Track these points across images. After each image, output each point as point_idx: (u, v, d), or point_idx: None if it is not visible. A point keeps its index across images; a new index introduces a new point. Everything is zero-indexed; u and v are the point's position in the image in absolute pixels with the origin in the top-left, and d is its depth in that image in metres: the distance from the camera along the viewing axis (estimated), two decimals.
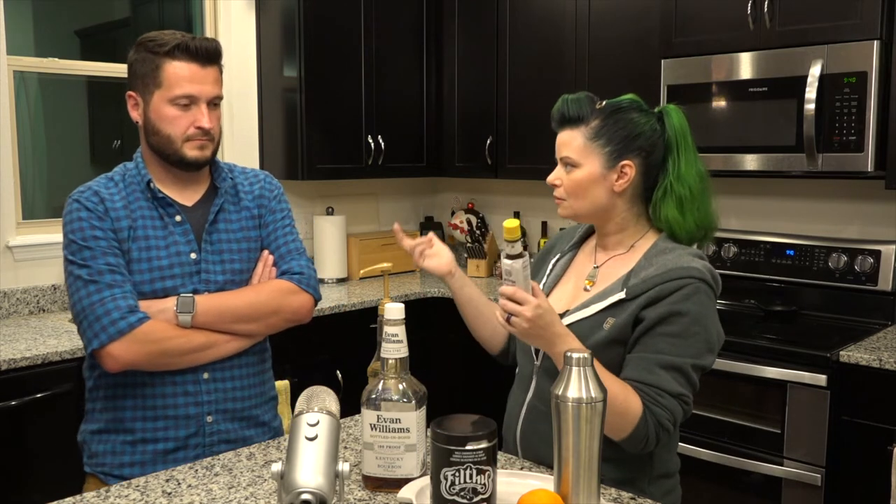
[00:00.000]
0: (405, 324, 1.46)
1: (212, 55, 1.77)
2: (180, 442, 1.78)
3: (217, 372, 1.80)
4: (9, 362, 2.44)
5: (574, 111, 1.62)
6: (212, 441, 1.80)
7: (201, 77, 1.75)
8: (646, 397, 1.50)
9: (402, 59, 3.96)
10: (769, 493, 2.62)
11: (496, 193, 4.31)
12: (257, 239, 1.90)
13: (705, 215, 1.64)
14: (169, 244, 1.78)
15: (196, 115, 1.75)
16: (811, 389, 2.53)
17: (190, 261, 1.79)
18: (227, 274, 1.82)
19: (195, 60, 1.74)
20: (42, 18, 3.37)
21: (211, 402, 1.80)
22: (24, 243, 3.11)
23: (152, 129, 1.77)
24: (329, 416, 1.28)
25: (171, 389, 1.76)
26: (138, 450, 1.77)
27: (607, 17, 3.41)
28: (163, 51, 1.73)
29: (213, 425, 1.80)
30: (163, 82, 1.73)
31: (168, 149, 1.77)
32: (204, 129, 1.76)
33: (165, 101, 1.74)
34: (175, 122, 1.75)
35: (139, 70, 1.76)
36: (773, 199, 3.30)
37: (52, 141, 3.40)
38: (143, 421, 1.76)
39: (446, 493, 1.30)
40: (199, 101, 1.75)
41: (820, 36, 2.73)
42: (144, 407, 1.76)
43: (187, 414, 1.77)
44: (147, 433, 1.76)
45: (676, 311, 1.52)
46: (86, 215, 1.73)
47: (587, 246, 1.78)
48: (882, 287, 2.91)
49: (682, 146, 1.63)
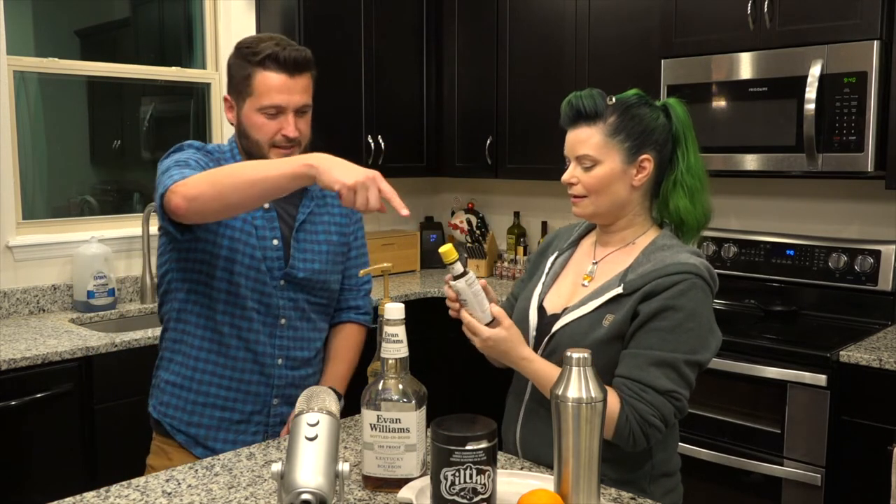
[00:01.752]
0: (405, 324, 1.46)
1: (301, 65, 1.82)
2: (245, 416, 1.89)
3: (289, 361, 1.91)
4: (9, 362, 2.44)
5: (590, 107, 1.61)
6: (274, 422, 1.91)
7: (290, 87, 1.80)
8: (629, 393, 1.50)
9: (402, 59, 3.96)
10: (769, 493, 2.62)
11: (496, 193, 4.31)
12: (339, 245, 1.98)
13: (708, 204, 1.68)
14: (256, 226, 1.84)
15: (283, 124, 1.81)
16: (811, 389, 2.53)
17: (272, 246, 1.85)
18: (308, 272, 1.89)
19: (285, 70, 1.79)
20: (42, 18, 3.36)
21: (280, 385, 1.90)
22: (24, 243, 3.11)
23: (243, 132, 1.84)
24: (329, 416, 1.28)
25: (249, 366, 1.86)
26: (207, 413, 1.87)
27: (607, 17, 3.41)
28: (255, 60, 1.79)
29: (277, 408, 1.91)
30: (253, 91, 1.80)
31: (256, 153, 1.83)
32: (289, 137, 1.81)
33: (255, 109, 1.80)
34: (262, 129, 1.81)
35: (234, 76, 1.84)
36: (773, 199, 3.30)
37: (52, 141, 3.40)
38: (217, 388, 1.86)
39: (446, 493, 1.30)
40: (287, 110, 1.81)
41: (820, 36, 2.73)
42: (222, 375, 1.86)
43: (258, 392, 1.88)
44: (219, 400, 1.87)
45: (671, 307, 1.52)
46: (193, 153, 1.80)
47: (585, 243, 1.78)
48: (882, 287, 2.91)
49: (690, 138, 1.65)
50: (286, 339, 1.90)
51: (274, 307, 1.87)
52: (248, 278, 1.83)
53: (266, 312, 1.86)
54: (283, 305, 1.88)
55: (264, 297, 1.85)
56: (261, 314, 1.86)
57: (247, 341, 1.86)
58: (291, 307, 1.90)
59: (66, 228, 3.29)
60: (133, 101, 3.67)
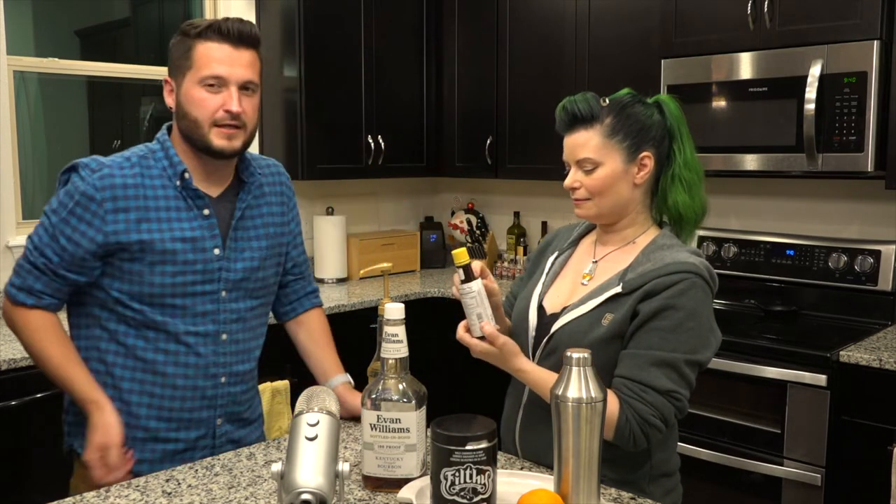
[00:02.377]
0: (405, 324, 1.46)
1: (245, 37, 1.69)
2: (190, 444, 1.77)
3: (231, 378, 1.80)
4: (9, 362, 2.44)
5: (585, 110, 1.61)
6: (220, 442, 1.81)
7: (233, 59, 1.67)
8: (629, 394, 1.50)
9: (402, 59, 3.96)
10: (769, 493, 2.62)
11: (496, 193, 4.31)
12: (276, 235, 1.86)
13: (705, 197, 1.68)
14: (195, 238, 1.71)
15: (225, 98, 1.67)
16: (811, 389, 2.53)
17: (213, 256, 1.73)
18: (246, 272, 1.78)
19: (227, 41, 1.66)
20: (42, 18, 3.37)
21: (223, 405, 1.80)
22: (23, 243, 3.10)
23: (182, 112, 1.70)
24: (329, 416, 1.28)
25: (190, 393, 1.75)
26: (148, 448, 1.74)
27: (607, 17, 3.41)
28: (195, 32, 1.67)
29: (221, 427, 1.81)
30: (193, 63, 1.66)
31: (195, 133, 1.68)
32: (232, 112, 1.67)
33: (195, 82, 1.66)
34: (202, 104, 1.66)
35: (174, 53, 1.71)
36: (773, 199, 3.30)
37: (52, 141, 3.40)
38: (157, 420, 1.74)
39: (446, 493, 1.30)
40: (229, 83, 1.67)
41: (820, 36, 2.73)
42: (161, 407, 1.74)
43: (200, 418, 1.77)
44: (160, 433, 1.74)
45: (671, 306, 1.52)
46: (80, 210, 1.66)
47: (585, 242, 1.78)
48: (882, 287, 2.91)
49: (684, 133, 1.66)
50: (228, 355, 1.78)
51: (215, 323, 1.75)
52: (186, 299, 1.71)
53: (206, 333, 1.74)
54: (225, 319, 1.76)
55: (206, 316, 1.74)
56: (200, 335, 1.73)
57: (185, 366, 1.72)
58: (233, 319, 1.78)
59: None
60: (133, 101, 3.67)
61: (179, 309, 1.71)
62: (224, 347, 1.77)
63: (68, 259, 1.68)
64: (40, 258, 1.69)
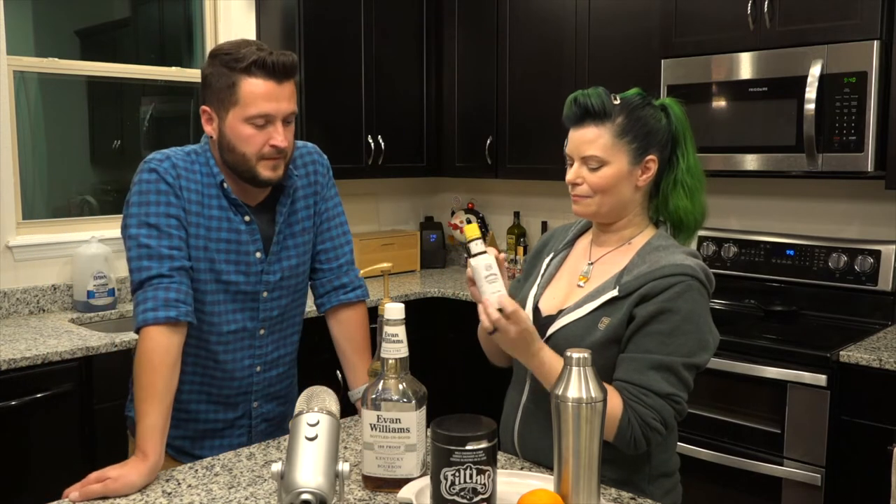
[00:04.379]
0: (405, 324, 1.46)
1: (289, 70, 1.70)
2: (227, 423, 1.86)
3: (266, 365, 1.88)
4: (9, 362, 2.44)
5: (599, 106, 1.59)
6: (257, 422, 1.90)
7: (278, 95, 1.68)
8: (630, 397, 1.50)
9: (402, 59, 3.96)
10: (769, 493, 2.62)
11: (496, 193, 4.31)
12: (310, 230, 1.90)
13: (706, 203, 1.67)
14: (239, 240, 1.77)
15: (271, 134, 1.70)
16: (811, 389, 2.53)
17: (255, 260, 1.79)
18: (284, 271, 1.84)
19: (272, 77, 1.67)
20: (42, 18, 3.37)
21: (259, 389, 1.88)
22: (24, 243, 3.11)
23: (227, 146, 1.72)
24: (329, 416, 1.28)
25: (227, 382, 1.83)
26: (190, 427, 1.84)
27: (607, 17, 3.41)
28: (239, 66, 1.66)
29: (259, 409, 1.89)
30: (240, 100, 1.67)
31: (241, 166, 1.72)
32: (279, 147, 1.70)
33: (241, 119, 1.68)
34: (250, 140, 1.69)
35: (214, 84, 1.70)
36: (773, 199, 3.30)
37: (52, 141, 3.40)
38: (197, 403, 1.83)
39: (446, 493, 1.30)
40: (275, 119, 1.70)
41: (820, 36, 2.73)
42: (200, 392, 1.83)
43: (237, 402, 1.86)
44: (200, 415, 1.84)
45: (667, 309, 1.52)
46: (165, 188, 1.70)
47: (581, 243, 1.77)
48: (882, 287, 2.91)
49: (688, 138, 1.65)
50: (265, 346, 1.86)
51: (254, 321, 1.82)
52: (232, 305, 1.78)
53: (244, 329, 1.81)
54: (264, 317, 1.84)
55: (247, 318, 1.81)
56: (239, 333, 1.81)
57: (224, 363, 1.81)
58: (273, 316, 1.85)
59: (66, 228, 3.29)
60: (133, 101, 3.67)
61: (220, 305, 1.78)
62: (261, 341, 1.85)
63: (167, 235, 1.69)
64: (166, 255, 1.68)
